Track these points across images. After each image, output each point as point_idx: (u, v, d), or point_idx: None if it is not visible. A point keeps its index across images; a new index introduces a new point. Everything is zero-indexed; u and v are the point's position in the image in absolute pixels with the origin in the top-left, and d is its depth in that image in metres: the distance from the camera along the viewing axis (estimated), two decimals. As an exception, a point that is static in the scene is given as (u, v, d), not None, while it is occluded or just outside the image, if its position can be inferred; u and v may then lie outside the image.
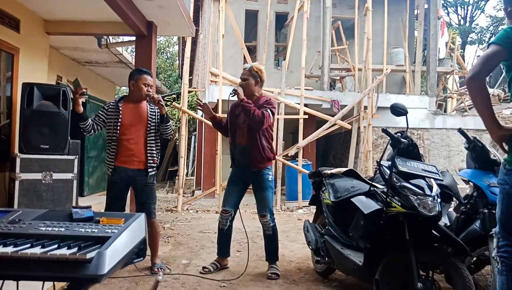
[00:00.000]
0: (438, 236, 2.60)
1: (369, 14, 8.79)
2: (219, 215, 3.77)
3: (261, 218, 3.65)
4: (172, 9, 4.84)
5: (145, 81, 3.55)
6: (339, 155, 10.91)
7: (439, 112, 10.25)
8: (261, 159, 3.60)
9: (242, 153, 3.64)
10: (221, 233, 3.76)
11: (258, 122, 3.46)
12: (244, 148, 3.62)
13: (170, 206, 7.75)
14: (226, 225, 3.71)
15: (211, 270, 3.65)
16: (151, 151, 3.54)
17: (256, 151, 3.58)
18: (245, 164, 3.63)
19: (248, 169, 3.64)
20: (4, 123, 4.95)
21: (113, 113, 3.53)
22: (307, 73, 9.62)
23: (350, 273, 3.06)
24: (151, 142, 3.56)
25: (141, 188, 3.56)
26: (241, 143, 3.65)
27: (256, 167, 3.60)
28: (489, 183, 2.92)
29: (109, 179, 3.61)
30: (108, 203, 3.57)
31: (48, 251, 1.18)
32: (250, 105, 3.49)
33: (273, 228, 3.66)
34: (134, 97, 3.59)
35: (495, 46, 1.98)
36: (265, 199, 3.63)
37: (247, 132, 3.61)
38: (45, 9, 5.24)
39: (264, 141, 3.62)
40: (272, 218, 3.66)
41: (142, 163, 3.53)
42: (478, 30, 24.89)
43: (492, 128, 2.01)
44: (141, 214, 1.49)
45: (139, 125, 3.52)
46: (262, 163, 3.62)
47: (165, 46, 25.58)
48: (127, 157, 3.49)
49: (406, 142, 2.72)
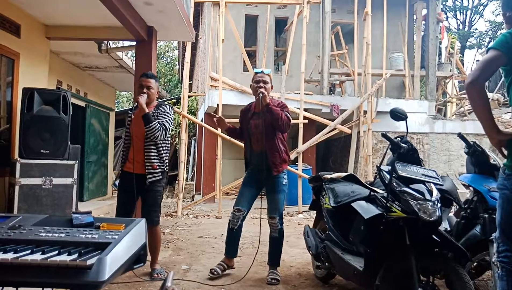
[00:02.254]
0: (439, 241, 2.60)
1: (368, 19, 8.82)
2: (231, 214, 3.73)
3: (270, 220, 3.65)
4: (172, 14, 4.86)
5: (141, 82, 3.60)
6: (339, 159, 10.91)
7: (439, 116, 10.27)
8: (280, 162, 3.64)
9: (259, 157, 3.67)
10: (231, 232, 3.74)
11: (285, 125, 3.54)
12: (261, 153, 3.65)
13: (170, 211, 7.74)
14: (237, 225, 3.69)
15: (219, 272, 3.65)
16: (148, 157, 3.54)
17: (275, 155, 3.61)
18: (263, 168, 3.65)
19: (265, 172, 3.65)
20: (4, 128, 4.96)
21: (129, 120, 3.68)
22: (307, 77, 9.65)
23: (351, 278, 3.05)
24: (149, 148, 3.54)
25: (144, 194, 3.57)
26: (257, 148, 3.68)
27: (276, 171, 3.61)
28: (489, 188, 2.92)
29: (119, 183, 3.74)
30: (118, 205, 3.66)
31: (49, 257, 1.17)
32: (277, 109, 3.54)
33: (280, 231, 3.66)
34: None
35: (494, 51, 1.98)
36: (277, 202, 3.64)
37: (263, 137, 3.61)
38: (46, 14, 5.26)
39: (281, 144, 3.66)
40: (281, 222, 3.66)
41: (143, 168, 3.54)
42: (477, 34, 25.00)
43: (491, 133, 2.02)
44: (141, 219, 1.48)
45: (141, 130, 3.53)
46: (280, 166, 3.64)
47: (165, 51, 25.65)
48: (131, 162, 3.54)
49: (405, 147, 2.72)
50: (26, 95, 4.42)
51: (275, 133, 3.61)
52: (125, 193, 3.60)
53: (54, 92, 4.82)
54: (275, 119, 3.51)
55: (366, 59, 8.81)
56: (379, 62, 9.93)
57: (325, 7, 9.67)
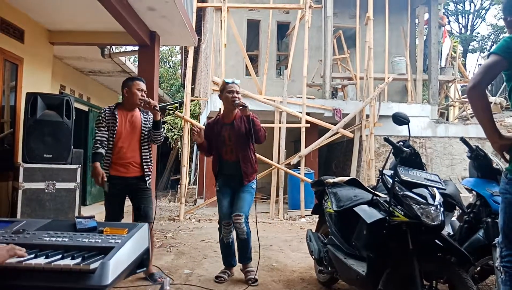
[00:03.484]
0: (442, 246, 2.59)
1: (370, 23, 8.84)
2: (222, 229, 3.73)
3: (235, 218, 3.59)
4: (174, 19, 4.89)
5: (139, 86, 3.56)
6: (341, 163, 10.89)
7: (441, 120, 10.25)
8: (251, 172, 3.74)
9: (231, 168, 3.73)
10: (226, 246, 3.77)
11: (263, 137, 3.69)
12: (234, 163, 3.71)
13: (172, 215, 7.74)
14: (230, 238, 3.74)
15: (225, 278, 3.69)
16: (146, 159, 3.57)
17: (248, 165, 3.70)
18: (235, 176, 3.72)
19: (236, 179, 3.71)
20: (7, 133, 4.98)
21: (110, 121, 3.50)
22: (309, 82, 9.66)
23: (353, 283, 3.04)
24: (145, 150, 3.59)
25: (139, 195, 3.55)
26: (230, 159, 3.74)
27: (247, 180, 3.70)
28: (492, 192, 2.92)
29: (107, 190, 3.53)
30: (108, 213, 3.53)
31: (52, 261, 1.18)
32: (259, 121, 3.66)
33: (248, 232, 3.66)
34: (128, 104, 3.58)
35: (495, 56, 1.99)
36: (243, 200, 3.65)
37: (236, 148, 3.70)
38: (49, 19, 5.30)
39: (252, 154, 3.76)
40: (246, 221, 3.64)
41: (139, 170, 3.54)
42: (479, 38, 24.98)
43: (493, 137, 2.02)
44: (144, 224, 1.49)
45: (134, 133, 3.54)
46: (251, 176, 3.74)
47: (167, 56, 25.75)
48: (124, 166, 3.49)
49: (408, 151, 2.72)
50: (29, 99, 4.44)
51: (248, 144, 3.70)
52: (117, 199, 3.53)
53: (57, 97, 4.85)
54: (256, 130, 3.61)
55: (368, 63, 8.82)
56: (381, 66, 9.94)
57: (327, 11, 9.70)
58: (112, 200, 3.54)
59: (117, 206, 3.54)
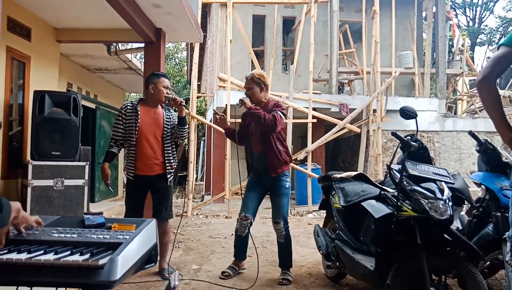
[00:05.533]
0: (450, 240, 2.57)
1: (376, 17, 8.77)
2: (238, 222, 3.70)
3: (274, 225, 3.63)
4: (180, 16, 4.89)
5: (164, 84, 3.53)
6: (348, 159, 10.86)
7: (449, 114, 10.17)
8: (279, 164, 3.57)
9: (259, 160, 3.64)
10: (239, 239, 3.73)
11: (271, 125, 3.44)
12: (261, 155, 3.61)
13: (180, 211, 7.77)
14: (245, 232, 3.67)
15: (231, 274, 3.66)
16: (168, 156, 3.54)
17: (273, 156, 3.55)
18: (263, 170, 3.62)
19: (265, 175, 3.62)
20: (16, 131, 5.02)
21: (132, 117, 3.48)
22: (315, 77, 9.62)
23: (361, 278, 3.04)
24: (168, 147, 3.56)
25: (161, 193, 3.55)
26: (257, 150, 3.65)
27: (275, 173, 3.56)
28: (501, 186, 2.89)
29: (129, 187, 3.58)
30: (129, 210, 3.54)
31: (61, 257, 1.19)
32: (259, 111, 3.48)
33: (286, 236, 3.62)
34: (152, 101, 3.55)
35: (504, 48, 1.96)
36: (280, 206, 3.60)
37: (261, 139, 3.59)
38: (56, 17, 5.32)
39: (279, 145, 3.59)
40: (286, 226, 3.61)
41: (161, 168, 3.52)
42: (488, 31, 24.69)
43: (503, 130, 1.99)
44: (152, 220, 1.49)
45: (156, 129, 3.51)
46: (280, 168, 3.58)
47: (173, 52, 25.77)
48: (147, 164, 3.47)
49: (416, 145, 2.70)
50: (37, 97, 4.48)
51: (271, 134, 3.56)
52: (139, 196, 3.55)
53: (65, 95, 4.87)
54: (257, 122, 3.50)
55: (375, 57, 8.76)
56: (388, 60, 9.87)
57: (333, 6, 9.64)
58: (133, 196, 3.56)
59: (137, 203, 3.55)
